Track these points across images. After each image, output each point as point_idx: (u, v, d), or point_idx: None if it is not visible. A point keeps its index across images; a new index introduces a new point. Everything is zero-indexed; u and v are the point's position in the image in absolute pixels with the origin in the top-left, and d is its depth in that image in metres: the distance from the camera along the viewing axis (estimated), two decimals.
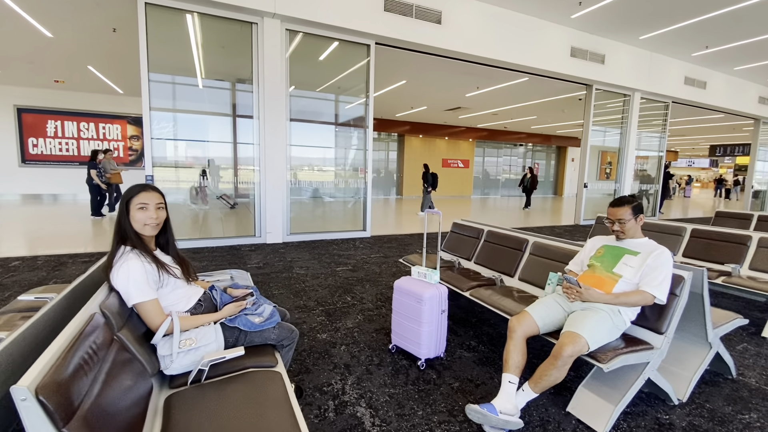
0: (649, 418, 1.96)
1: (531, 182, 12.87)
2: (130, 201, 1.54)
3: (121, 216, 1.55)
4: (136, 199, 1.54)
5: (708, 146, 23.63)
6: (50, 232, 6.41)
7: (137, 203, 1.53)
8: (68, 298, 1.50)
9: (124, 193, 1.59)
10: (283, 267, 4.61)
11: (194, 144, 5.88)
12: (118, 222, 1.56)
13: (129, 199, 1.55)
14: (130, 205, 1.54)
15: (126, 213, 1.54)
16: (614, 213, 2.13)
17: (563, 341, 1.79)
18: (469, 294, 2.72)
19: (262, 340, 1.71)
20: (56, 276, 4.05)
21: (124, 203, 1.55)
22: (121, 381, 1.19)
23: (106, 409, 1.05)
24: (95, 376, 1.08)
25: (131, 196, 1.56)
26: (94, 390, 1.05)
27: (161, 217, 1.60)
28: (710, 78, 10.35)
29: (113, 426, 1.03)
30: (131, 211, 1.53)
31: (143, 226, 1.54)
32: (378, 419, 1.88)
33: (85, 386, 1.01)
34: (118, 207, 1.58)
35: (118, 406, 1.11)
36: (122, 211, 1.55)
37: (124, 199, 1.57)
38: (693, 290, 2.02)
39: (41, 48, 7.21)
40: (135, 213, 1.52)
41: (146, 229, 1.54)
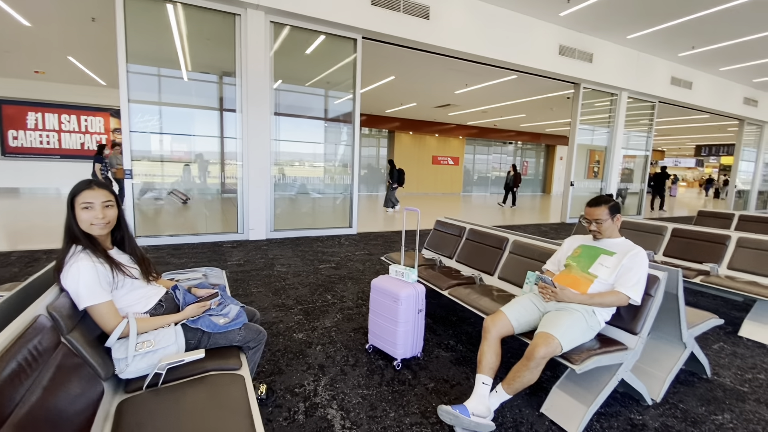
0: (622, 419, 1.95)
1: (514, 180, 12.72)
2: (73, 199, 1.45)
3: (68, 215, 1.47)
4: (79, 198, 1.44)
5: (694, 146, 24.01)
6: (28, 226, 6.23)
7: (81, 202, 1.44)
8: (18, 297, 1.42)
9: (69, 191, 1.50)
10: (264, 264, 4.54)
11: (179, 137, 5.75)
12: (67, 221, 1.47)
13: (72, 197, 1.46)
14: (74, 204, 1.44)
15: (72, 213, 1.45)
16: (591, 213, 2.11)
17: (536, 342, 1.77)
18: (448, 293, 2.69)
19: (227, 341, 1.65)
20: (29, 272, 3.92)
21: (69, 202, 1.46)
22: (67, 386, 1.13)
23: (46, 415, 0.98)
24: (34, 381, 1.02)
25: (75, 194, 1.45)
26: (32, 396, 0.99)
27: (110, 216, 1.51)
28: (696, 78, 10.46)
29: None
30: (76, 211, 1.44)
31: (90, 226, 1.45)
32: (348, 422, 1.84)
33: (21, 392, 0.95)
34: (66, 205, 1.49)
35: (61, 412, 1.05)
36: (68, 211, 1.47)
37: (69, 197, 1.47)
38: (668, 290, 2.01)
39: (18, 37, 6.99)
40: (80, 213, 1.43)
41: (93, 228, 1.46)
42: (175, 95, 5.54)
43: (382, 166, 16.61)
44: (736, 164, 13.43)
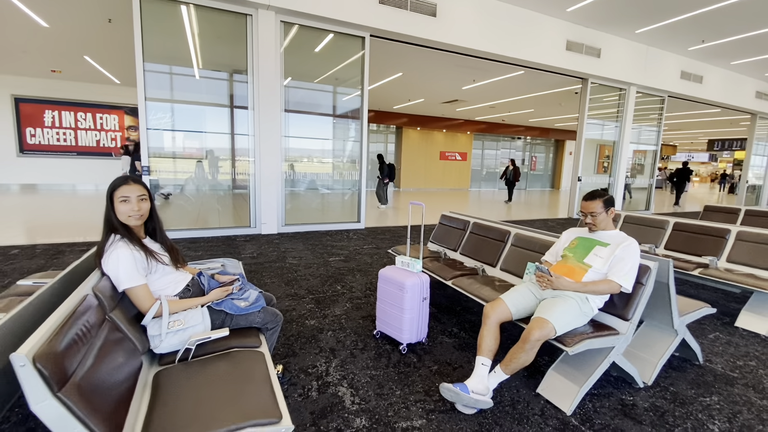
0: (614, 399, 2.08)
1: (513, 174, 12.53)
2: (112, 194, 1.62)
3: (107, 208, 1.64)
4: (117, 192, 1.62)
5: (706, 140, 23.66)
6: (48, 221, 6.50)
7: (119, 196, 1.61)
8: (62, 282, 1.60)
9: (108, 185, 1.67)
10: (277, 257, 4.72)
11: (192, 134, 5.94)
12: (106, 213, 1.64)
13: (111, 191, 1.63)
14: (113, 198, 1.61)
15: (111, 205, 1.62)
16: (587, 206, 2.22)
17: (531, 326, 1.90)
18: (452, 283, 2.83)
19: (248, 323, 1.82)
20: (54, 264, 4.15)
21: (108, 196, 1.64)
22: (113, 357, 1.30)
23: (98, 380, 1.15)
24: (88, 350, 1.18)
25: (113, 188, 1.63)
26: (86, 363, 1.15)
27: (144, 209, 1.68)
28: (707, 72, 10.37)
29: (104, 396, 1.13)
30: (115, 204, 1.61)
31: (127, 218, 1.62)
32: (358, 398, 2.00)
33: (78, 359, 1.12)
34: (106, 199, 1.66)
35: (109, 379, 1.22)
36: (107, 204, 1.64)
37: (108, 192, 1.65)
38: (659, 280, 2.13)
39: (37, 37, 7.23)
40: (118, 206, 1.60)
41: (130, 220, 1.63)
42: (187, 93, 5.71)
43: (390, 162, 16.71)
44: (748, 159, 13.27)
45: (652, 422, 1.91)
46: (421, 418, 1.87)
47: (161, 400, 1.31)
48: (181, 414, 1.24)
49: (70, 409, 0.97)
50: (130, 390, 1.29)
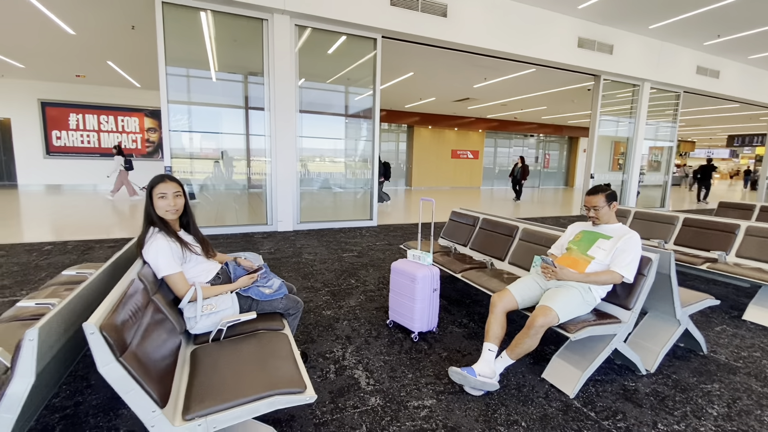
0: (616, 385, 2.18)
1: (522, 172, 12.39)
2: (152, 191, 1.81)
3: (147, 203, 1.83)
4: (156, 190, 1.81)
5: (726, 136, 23.12)
6: (76, 219, 6.83)
7: (157, 193, 1.80)
8: (110, 269, 1.78)
9: (148, 183, 1.86)
10: (293, 253, 4.91)
11: (209, 135, 6.17)
12: (146, 208, 1.83)
13: (151, 188, 1.82)
14: (152, 195, 1.80)
15: (150, 201, 1.81)
16: (590, 201, 2.33)
17: (536, 313, 2.02)
18: (461, 275, 2.96)
19: (272, 308, 1.98)
20: (86, 259, 4.41)
21: (148, 192, 1.82)
22: (158, 333, 1.47)
23: (148, 351, 1.32)
24: (138, 326, 1.36)
25: (152, 186, 1.82)
26: (138, 336, 1.33)
27: (179, 204, 1.87)
28: (723, 67, 10.20)
29: (154, 365, 1.30)
30: (154, 200, 1.80)
31: (165, 212, 1.81)
32: (372, 380, 2.15)
33: (132, 332, 1.29)
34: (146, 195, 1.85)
35: (156, 352, 1.39)
36: (147, 199, 1.82)
37: (147, 189, 1.83)
38: (661, 271, 2.21)
39: (63, 44, 7.57)
40: (157, 201, 1.79)
41: (168, 214, 1.82)
42: (205, 95, 5.94)
43: (402, 161, 16.85)
44: None
45: (652, 405, 2.01)
46: (432, 398, 2.00)
47: (200, 372, 1.48)
48: (218, 383, 1.40)
49: (130, 372, 1.14)
50: (173, 363, 1.46)
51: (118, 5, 5.57)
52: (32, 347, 1.03)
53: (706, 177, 13.50)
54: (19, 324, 1.84)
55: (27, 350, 1.03)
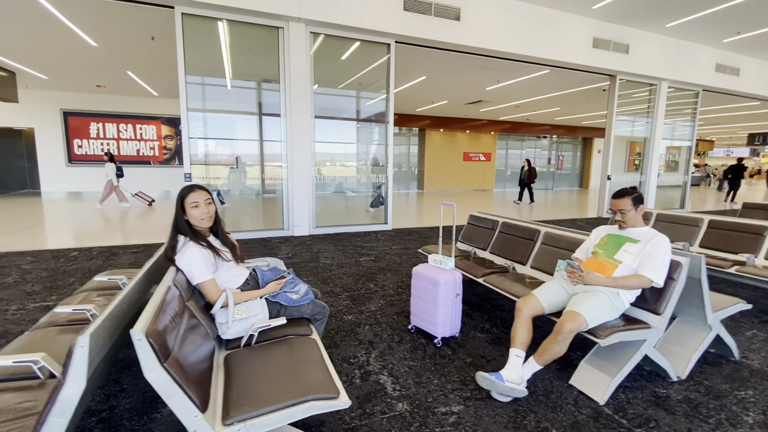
0: (647, 392, 2.14)
1: (528, 175, 12.14)
2: (183, 201, 1.85)
3: (177, 213, 1.87)
4: (188, 199, 1.85)
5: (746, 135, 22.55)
6: (98, 226, 7.00)
7: (190, 202, 1.84)
8: (145, 276, 1.83)
9: (177, 194, 1.90)
10: (311, 257, 4.94)
11: (226, 142, 6.28)
12: (175, 218, 1.87)
13: (182, 199, 1.86)
14: (184, 205, 1.85)
15: (182, 211, 1.85)
16: (616, 204, 2.30)
17: (564, 319, 2.00)
18: (483, 280, 2.94)
19: (299, 313, 2.00)
20: (111, 264, 4.51)
21: (179, 203, 1.86)
22: (194, 339, 1.50)
23: (187, 357, 1.35)
24: (177, 332, 1.39)
25: (183, 196, 1.87)
26: (177, 341, 1.36)
27: (211, 211, 1.91)
28: (744, 64, 9.98)
29: (193, 370, 1.33)
30: (187, 209, 1.84)
31: (200, 221, 1.85)
32: (399, 385, 2.15)
33: (173, 338, 1.32)
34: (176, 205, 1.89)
35: (194, 357, 1.42)
36: (178, 209, 1.86)
37: (178, 199, 1.88)
38: (691, 275, 2.17)
39: (86, 56, 7.80)
40: (190, 211, 1.84)
41: (203, 222, 1.86)
42: (221, 102, 6.06)
43: (413, 165, 16.85)
44: None
45: (686, 413, 1.97)
46: (459, 404, 2.00)
47: (235, 377, 1.51)
48: (253, 388, 1.42)
49: (173, 377, 1.17)
50: (209, 368, 1.49)
51: (139, 17, 5.71)
52: (83, 353, 1.07)
53: (737, 177, 13.59)
54: (57, 330, 1.90)
55: (79, 356, 1.06)
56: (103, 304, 2.14)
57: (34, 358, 1.42)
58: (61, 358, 1.56)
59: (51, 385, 1.40)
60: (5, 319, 2.98)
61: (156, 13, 5.41)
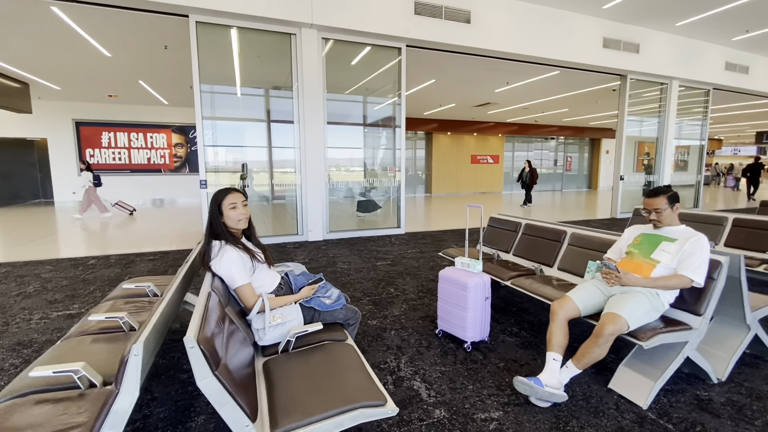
0: (688, 395, 2.08)
1: (530, 177, 11.85)
2: (221, 203, 1.84)
3: (213, 217, 1.85)
4: (226, 201, 1.84)
5: (754, 133, 22.32)
6: (113, 234, 7.03)
7: (228, 204, 1.83)
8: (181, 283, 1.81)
9: (213, 198, 1.89)
10: (327, 262, 4.92)
11: (239, 149, 6.30)
12: (210, 222, 1.86)
13: (219, 202, 1.85)
14: (222, 207, 1.84)
15: (219, 213, 1.84)
16: (650, 203, 2.25)
17: (604, 321, 1.95)
18: (510, 283, 2.90)
19: (332, 318, 1.97)
20: (129, 272, 4.52)
21: (216, 206, 1.85)
22: (235, 345, 1.47)
23: (233, 364, 1.33)
24: (222, 339, 1.36)
25: (221, 199, 1.86)
26: (224, 349, 1.33)
27: (248, 212, 1.91)
28: (753, 62, 9.89)
29: (240, 378, 1.30)
30: (224, 211, 1.83)
31: (238, 222, 1.84)
32: (433, 392, 2.11)
33: (220, 344, 1.30)
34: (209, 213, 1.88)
35: (238, 364, 1.39)
36: (214, 213, 1.85)
37: (214, 203, 1.86)
38: (730, 275, 2.12)
39: (99, 66, 7.89)
40: (228, 212, 1.83)
41: (240, 223, 1.85)
42: (234, 110, 6.09)
43: (419, 168, 16.83)
44: None
45: (731, 416, 1.91)
46: (498, 410, 1.95)
47: (277, 385, 1.48)
48: (298, 396, 1.39)
49: (224, 385, 1.14)
50: (252, 375, 1.46)
51: (153, 27, 5.77)
52: (137, 362, 1.04)
53: (756, 175, 14.06)
54: (91, 338, 1.88)
55: (132, 365, 1.04)
56: (134, 312, 2.13)
57: (74, 367, 1.40)
58: (100, 366, 1.54)
59: (93, 395, 1.38)
60: (29, 328, 2.98)
61: (170, 22, 5.46)
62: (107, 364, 1.56)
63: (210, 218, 1.85)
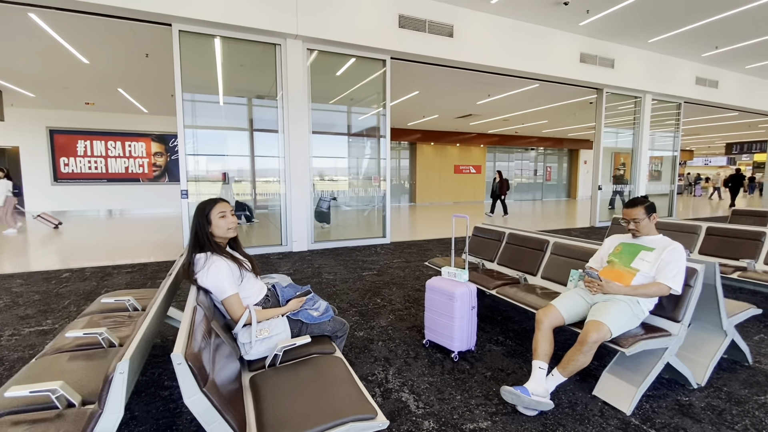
0: (670, 400, 2.13)
1: (500, 187, 11.73)
2: (209, 213, 1.82)
3: (199, 227, 1.82)
4: (215, 210, 1.83)
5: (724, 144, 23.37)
6: (88, 246, 6.80)
7: (218, 213, 1.82)
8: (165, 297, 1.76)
9: (199, 208, 1.86)
10: (312, 273, 4.87)
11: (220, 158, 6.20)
12: (196, 233, 1.82)
13: (208, 211, 1.82)
14: (210, 216, 1.81)
15: (207, 223, 1.81)
16: (629, 213, 2.33)
17: (588, 329, 1.99)
18: (496, 292, 2.93)
19: (320, 331, 1.95)
20: (106, 285, 4.37)
21: (204, 216, 1.82)
22: (222, 361, 1.44)
23: (220, 380, 1.30)
24: (209, 354, 1.33)
25: (210, 208, 1.83)
26: (211, 365, 1.30)
27: (235, 221, 1.89)
28: (722, 77, 10.40)
29: (227, 394, 1.28)
30: (213, 220, 1.80)
31: (227, 231, 1.82)
32: (422, 403, 2.10)
33: (207, 360, 1.27)
34: (193, 224, 1.84)
35: (226, 379, 1.36)
36: (200, 223, 1.82)
37: (202, 213, 1.83)
38: (706, 282, 2.20)
39: (77, 73, 7.71)
40: (218, 221, 1.81)
41: (230, 232, 1.83)
42: (216, 119, 6.01)
43: (403, 178, 16.94)
44: None
45: (712, 420, 1.96)
46: (486, 420, 1.96)
47: (265, 400, 1.45)
48: (288, 412, 1.37)
49: (213, 403, 1.11)
50: (240, 391, 1.43)
51: (135, 35, 5.68)
52: (122, 380, 1.01)
53: (736, 185, 15.31)
54: (68, 356, 1.81)
55: (117, 383, 1.00)
56: (114, 327, 2.06)
57: (52, 387, 1.35)
58: (78, 385, 1.48)
59: (72, 415, 1.32)
60: (0, 345, 2.84)
61: (153, 30, 5.39)
62: (86, 382, 1.50)
63: (195, 229, 1.82)
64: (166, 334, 2.97)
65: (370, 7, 6.02)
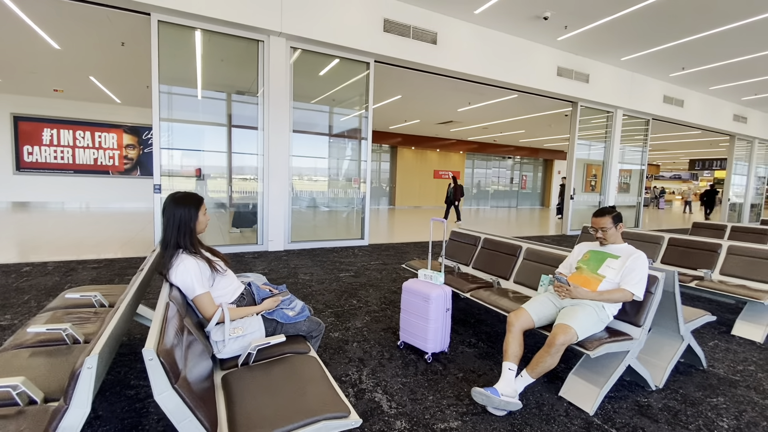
0: (630, 401, 2.24)
1: (454, 193, 11.27)
2: (198, 209, 1.81)
3: (183, 223, 1.77)
4: (202, 207, 1.83)
5: (688, 160, 24.64)
6: (51, 238, 6.50)
7: (203, 210, 1.82)
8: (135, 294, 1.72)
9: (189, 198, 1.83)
10: (288, 273, 4.83)
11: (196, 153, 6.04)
12: (178, 228, 1.77)
13: (197, 207, 1.81)
14: (198, 213, 1.80)
15: (192, 219, 1.78)
16: (597, 222, 2.44)
17: (556, 332, 2.07)
18: (470, 295, 2.99)
19: (295, 331, 1.95)
20: (70, 280, 4.19)
21: (195, 210, 1.80)
22: (194, 358, 1.42)
23: (192, 377, 1.28)
24: (181, 351, 1.31)
25: (201, 203, 1.83)
26: (183, 361, 1.28)
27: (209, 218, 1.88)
28: (687, 97, 10.98)
29: (199, 391, 1.26)
30: (200, 217, 1.80)
31: (204, 227, 1.82)
32: (394, 403, 2.12)
33: (179, 356, 1.25)
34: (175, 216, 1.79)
35: (198, 377, 1.34)
36: (188, 218, 1.78)
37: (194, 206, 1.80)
38: (666, 289, 2.32)
39: (46, 59, 7.37)
40: (202, 218, 1.82)
41: (206, 228, 1.82)
42: (192, 113, 5.86)
43: (384, 181, 17.01)
44: (729, 178, 13.90)
45: (668, 420, 2.07)
46: (457, 420, 2.00)
47: (237, 399, 1.44)
48: (260, 410, 1.36)
49: (184, 400, 1.10)
50: (212, 389, 1.41)
51: (111, 22, 5.50)
52: (90, 375, 0.99)
53: (711, 200, 16.09)
54: (29, 351, 1.74)
55: (85, 379, 0.98)
56: (78, 323, 1.99)
57: (12, 383, 1.29)
58: (40, 382, 1.43)
59: (33, 411, 1.27)
60: None
61: (130, 18, 5.23)
62: (49, 379, 1.45)
63: (177, 224, 1.77)
64: (134, 333, 2.88)
65: (356, 9, 6.04)
